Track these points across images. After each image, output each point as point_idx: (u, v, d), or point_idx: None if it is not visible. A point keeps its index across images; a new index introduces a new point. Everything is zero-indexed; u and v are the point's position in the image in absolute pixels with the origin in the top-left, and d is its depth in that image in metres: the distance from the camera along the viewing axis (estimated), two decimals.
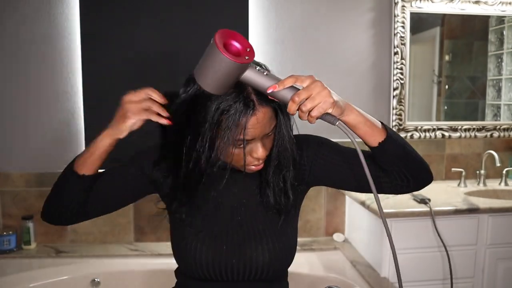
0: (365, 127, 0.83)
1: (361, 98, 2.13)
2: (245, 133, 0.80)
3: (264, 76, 0.76)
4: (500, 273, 1.80)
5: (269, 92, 0.76)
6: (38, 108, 1.96)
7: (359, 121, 0.82)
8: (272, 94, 0.76)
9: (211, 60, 0.73)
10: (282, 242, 0.94)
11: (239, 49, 0.75)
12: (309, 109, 0.74)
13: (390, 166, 0.88)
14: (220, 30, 0.74)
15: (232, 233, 0.94)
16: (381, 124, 0.86)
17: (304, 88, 0.74)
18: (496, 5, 2.18)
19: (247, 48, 0.76)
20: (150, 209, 1.04)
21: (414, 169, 0.89)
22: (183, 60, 1.91)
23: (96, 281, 1.77)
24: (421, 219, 1.70)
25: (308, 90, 0.74)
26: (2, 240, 1.89)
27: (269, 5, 2.03)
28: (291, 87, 0.76)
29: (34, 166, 1.97)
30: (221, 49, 0.71)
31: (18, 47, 1.92)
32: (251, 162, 0.86)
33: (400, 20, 2.10)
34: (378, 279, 1.69)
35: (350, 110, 0.81)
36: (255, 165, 0.87)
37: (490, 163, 2.16)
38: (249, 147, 0.84)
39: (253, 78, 0.76)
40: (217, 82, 0.75)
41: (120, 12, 1.91)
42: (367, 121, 0.83)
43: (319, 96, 0.74)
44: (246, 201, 0.96)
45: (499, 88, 2.31)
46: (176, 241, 0.96)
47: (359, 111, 0.82)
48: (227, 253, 0.92)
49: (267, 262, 0.92)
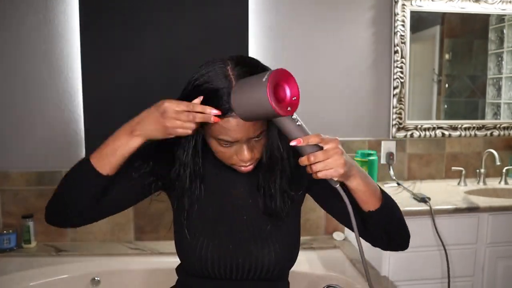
0: (362, 195, 0.85)
1: (361, 97, 2.13)
2: (226, 134, 0.81)
3: (296, 126, 0.77)
4: (500, 271, 1.80)
5: (293, 144, 0.77)
6: (38, 107, 1.95)
7: (358, 189, 0.83)
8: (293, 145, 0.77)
9: (255, 94, 0.72)
10: (287, 242, 0.95)
11: (286, 96, 0.75)
12: (318, 171, 0.76)
13: (372, 228, 0.90)
14: (279, 69, 0.74)
15: (237, 232, 0.94)
16: (381, 192, 0.88)
17: (324, 151, 0.76)
18: (496, 3, 2.18)
19: (294, 96, 0.75)
20: (150, 208, 1.04)
21: (394, 238, 0.93)
22: (184, 59, 1.91)
23: (96, 279, 1.77)
24: (421, 218, 1.70)
25: (326, 154, 0.76)
26: (2, 239, 1.89)
27: (269, 5, 2.03)
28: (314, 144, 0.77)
29: (34, 165, 1.97)
30: (269, 94, 0.70)
31: (18, 47, 1.92)
32: (238, 162, 0.86)
33: (400, 19, 2.10)
34: (378, 277, 1.69)
35: (354, 177, 0.82)
36: (243, 166, 0.87)
37: (490, 161, 2.16)
38: (234, 148, 0.85)
39: (284, 123, 0.77)
40: (250, 114, 0.76)
41: (120, 11, 1.91)
42: (366, 190, 0.84)
43: (333, 163, 0.76)
44: (252, 200, 0.96)
45: (499, 86, 2.31)
46: (180, 238, 0.96)
47: (362, 179, 0.83)
48: (233, 251, 0.92)
49: (273, 262, 0.92)
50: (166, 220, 1.97)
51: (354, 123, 2.14)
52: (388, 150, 2.17)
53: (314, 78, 2.06)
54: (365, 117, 2.15)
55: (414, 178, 2.23)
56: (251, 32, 2.00)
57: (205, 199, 0.94)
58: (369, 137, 2.16)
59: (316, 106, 2.07)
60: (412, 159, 2.22)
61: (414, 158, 2.22)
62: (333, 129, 2.11)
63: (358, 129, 2.15)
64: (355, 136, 2.15)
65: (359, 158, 2.04)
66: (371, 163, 2.02)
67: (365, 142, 2.16)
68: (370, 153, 2.04)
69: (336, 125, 2.12)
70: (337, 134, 2.15)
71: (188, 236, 0.94)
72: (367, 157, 2.02)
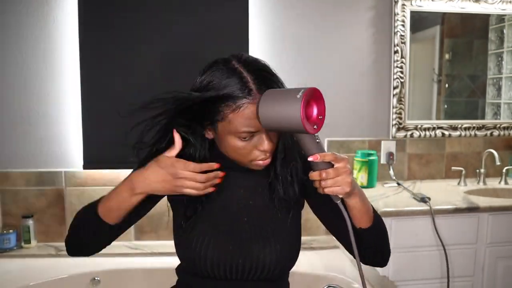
0: (357, 213, 0.87)
1: (361, 97, 2.13)
2: (248, 125, 0.82)
3: (315, 143, 0.79)
4: (500, 271, 1.80)
5: (310, 160, 0.79)
6: (38, 107, 1.95)
7: (354, 207, 0.86)
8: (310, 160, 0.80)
9: (287, 108, 0.74)
10: (288, 242, 0.95)
11: (313, 114, 0.77)
12: (326, 187, 0.79)
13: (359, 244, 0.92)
14: (313, 88, 0.75)
15: (238, 233, 0.94)
16: (373, 212, 0.91)
17: (335, 168, 0.79)
18: (496, 3, 2.18)
19: (320, 116, 0.77)
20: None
21: (376, 255, 0.95)
22: (184, 59, 1.91)
23: (96, 279, 1.77)
24: (421, 217, 1.70)
25: (336, 171, 0.79)
26: (2, 239, 1.89)
27: (269, 4, 2.03)
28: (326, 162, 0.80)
29: (34, 165, 1.97)
30: (302, 111, 0.72)
31: (18, 47, 1.92)
32: (257, 156, 0.87)
33: (400, 19, 2.10)
34: (377, 277, 1.69)
35: (354, 196, 0.85)
36: (262, 159, 0.88)
37: (490, 161, 2.16)
38: (254, 140, 0.85)
39: (306, 140, 0.79)
40: (275, 125, 0.78)
41: (120, 12, 1.91)
42: (361, 208, 0.87)
43: (342, 181, 0.79)
44: (253, 201, 0.97)
45: (499, 86, 2.31)
46: (180, 237, 0.96)
47: (360, 198, 0.86)
48: (234, 252, 0.92)
49: (274, 263, 0.92)
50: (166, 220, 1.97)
51: (354, 123, 2.14)
52: (388, 150, 2.17)
53: (314, 78, 2.06)
54: (365, 117, 2.15)
55: (414, 178, 2.23)
56: (252, 33, 2.00)
57: (205, 198, 0.94)
58: (369, 137, 2.16)
59: None
60: (412, 159, 2.22)
61: (414, 158, 2.22)
62: (333, 129, 2.12)
63: (358, 129, 2.15)
64: (355, 136, 2.15)
65: (359, 158, 2.04)
66: (371, 163, 2.02)
67: (365, 142, 2.16)
68: (370, 153, 2.04)
69: (336, 125, 2.12)
70: (337, 134, 2.17)
71: (188, 236, 0.94)
72: (367, 157, 2.02)
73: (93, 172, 1.97)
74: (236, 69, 0.83)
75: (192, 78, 0.88)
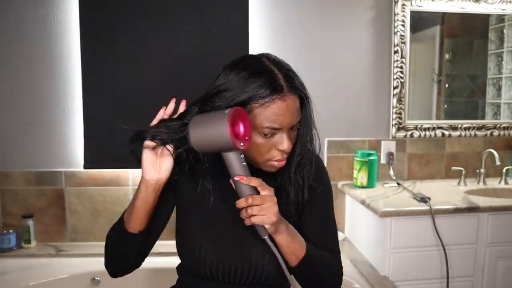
0: (286, 250, 0.88)
1: (361, 97, 2.13)
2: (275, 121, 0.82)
3: (242, 165, 0.81)
4: (500, 271, 1.80)
5: (236, 179, 0.81)
6: (38, 107, 1.96)
7: (281, 244, 0.87)
8: (235, 182, 0.82)
9: (214, 124, 0.77)
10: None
11: (241, 133, 0.80)
12: (253, 215, 0.80)
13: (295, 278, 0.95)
14: (239, 108, 0.79)
15: (239, 238, 0.93)
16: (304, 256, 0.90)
17: (261, 195, 0.80)
18: (496, 3, 2.18)
19: (247, 136, 0.80)
20: None
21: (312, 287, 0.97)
22: (183, 59, 1.91)
23: (96, 279, 1.77)
24: (421, 217, 1.70)
25: (262, 199, 0.80)
26: (2, 239, 1.89)
27: (269, 5, 2.03)
28: (252, 187, 0.81)
29: (34, 165, 1.97)
30: (229, 123, 0.75)
31: (18, 47, 1.92)
32: (274, 156, 0.87)
33: (400, 19, 2.10)
34: (378, 277, 1.69)
35: (281, 232, 0.86)
36: (278, 160, 0.88)
37: (490, 161, 2.16)
38: (274, 139, 0.85)
39: (232, 160, 0.81)
40: (204, 142, 0.79)
41: (120, 12, 1.91)
42: (289, 246, 0.88)
43: (268, 210, 0.80)
44: None
45: (499, 86, 2.31)
46: (181, 237, 0.97)
47: (288, 237, 0.87)
48: (233, 256, 0.92)
49: (273, 270, 0.92)
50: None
51: (354, 123, 2.14)
52: (388, 150, 2.17)
53: (314, 78, 2.06)
54: (365, 117, 2.15)
55: (414, 178, 2.23)
56: (252, 34, 2.00)
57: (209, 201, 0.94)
58: (369, 137, 2.16)
59: (316, 106, 2.05)
60: (412, 159, 2.22)
61: (414, 158, 2.22)
62: (333, 129, 2.12)
63: (358, 129, 2.15)
64: (355, 136, 2.15)
65: (359, 158, 2.04)
66: (371, 163, 2.02)
67: (365, 142, 2.16)
68: (370, 153, 2.04)
69: (336, 125, 2.12)
70: (337, 134, 2.17)
71: (189, 237, 0.94)
72: (367, 157, 2.02)
73: (93, 172, 1.97)
74: (268, 66, 0.85)
75: (192, 78, 0.88)
